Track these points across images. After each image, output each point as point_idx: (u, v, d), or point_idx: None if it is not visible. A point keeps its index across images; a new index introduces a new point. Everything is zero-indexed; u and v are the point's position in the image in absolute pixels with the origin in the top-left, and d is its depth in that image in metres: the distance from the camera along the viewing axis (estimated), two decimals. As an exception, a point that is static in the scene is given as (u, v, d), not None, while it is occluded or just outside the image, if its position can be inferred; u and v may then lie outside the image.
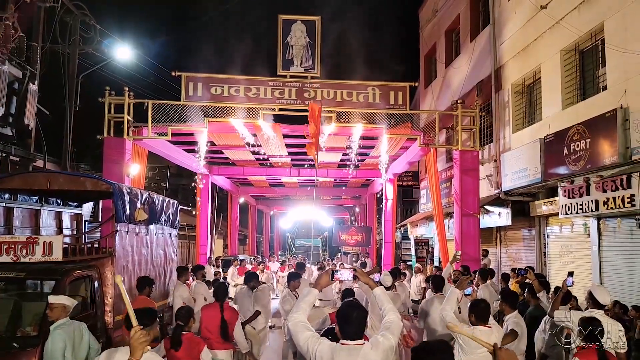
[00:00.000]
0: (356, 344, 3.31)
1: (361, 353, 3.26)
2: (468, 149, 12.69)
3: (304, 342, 3.35)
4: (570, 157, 10.21)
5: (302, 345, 3.37)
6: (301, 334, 3.38)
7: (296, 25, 12.86)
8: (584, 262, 11.13)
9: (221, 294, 6.36)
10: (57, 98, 12.16)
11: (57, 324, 5.03)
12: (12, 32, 8.86)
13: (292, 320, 3.48)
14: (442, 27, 18.79)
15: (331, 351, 3.26)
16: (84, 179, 7.16)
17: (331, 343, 3.33)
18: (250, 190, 24.89)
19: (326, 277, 3.84)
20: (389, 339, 3.36)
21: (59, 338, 4.91)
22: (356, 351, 3.26)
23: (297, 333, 3.42)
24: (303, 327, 3.42)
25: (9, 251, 5.81)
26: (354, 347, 3.28)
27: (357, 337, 3.34)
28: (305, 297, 3.63)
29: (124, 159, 11.99)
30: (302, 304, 3.57)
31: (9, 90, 8.60)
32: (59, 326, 5.05)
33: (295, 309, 3.55)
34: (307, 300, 3.61)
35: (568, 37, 10.89)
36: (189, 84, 12.39)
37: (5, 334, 5.58)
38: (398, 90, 12.85)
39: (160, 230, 8.59)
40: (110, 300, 6.64)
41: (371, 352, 3.27)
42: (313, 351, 3.29)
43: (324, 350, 3.27)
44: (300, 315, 3.49)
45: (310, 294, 3.65)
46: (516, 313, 5.84)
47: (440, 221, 13.45)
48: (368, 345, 3.31)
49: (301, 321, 3.45)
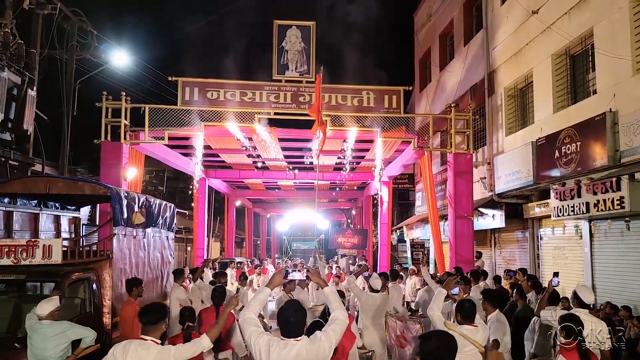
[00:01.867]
0: (294, 340, 3.52)
1: (296, 348, 3.47)
2: (462, 152, 12.86)
3: (249, 336, 3.61)
4: (562, 160, 10.38)
5: (247, 338, 3.64)
6: (247, 329, 3.64)
7: (291, 31, 13.02)
8: (576, 264, 11.28)
9: (217, 297, 6.48)
10: (54, 103, 12.29)
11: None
12: (10, 39, 8.98)
13: (242, 317, 3.73)
14: (436, 31, 18.98)
15: (268, 345, 3.48)
16: (82, 183, 7.29)
17: (270, 337, 3.57)
18: (246, 193, 25.01)
19: (279, 276, 4.08)
20: (329, 336, 3.59)
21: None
22: (291, 346, 3.48)
23: (244, 328, 3.67)
24: (250, 322, 3.66)
25: (9, 254, 5.93)
26: (291, 342, 3.50)
27: (294, 336, 3.55)
28: (257, 296, 3.89)
29: (121, 163, 12.11)
30: (254, 302, 3.83)
31: (8, 96, 8.73)
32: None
33: (247, 307, 3.81)
34: (259, 299, 3.86)
35: (559, 42, 11.06)
36: (185, 89, 12.54)
37: (6, 334, 5.70)
38: (392, 94, 13.02)
39: (157, 234, 8.71)
40: (109, 302, 6.76)
41: (306, 347, 3.49)
42: (254, 344, 3.53)
43: (262, 343, 3.50)
44: (250, 312, 3.74)
45: (262, 293, 3.90)
46: (497, 312, 5.98)
47: (436, 223, 13.60)
48: (305, 341, 3.53)
49: (249, 317, 3.70)
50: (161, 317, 4.25)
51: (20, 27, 10.05)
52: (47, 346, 5.10)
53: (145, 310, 4.25)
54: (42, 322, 5.21)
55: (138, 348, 3.93)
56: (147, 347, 3.96)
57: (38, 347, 5.11)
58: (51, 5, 10.46)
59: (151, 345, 4.00)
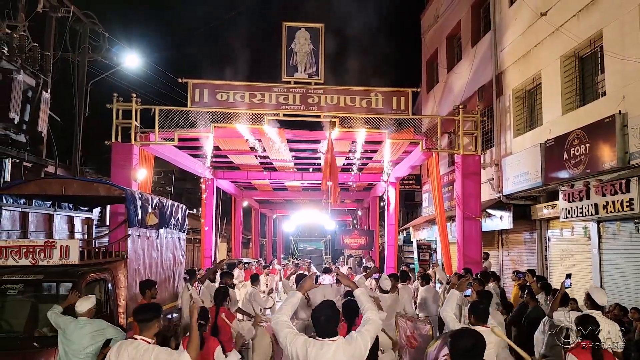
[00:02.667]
0: (330, 340, 3.56)
1: (333, 348, 3.51)
2: (470, 154, 12.88)
3: (284, 337, 3.62)
4: (570, 162, 10.40)
5: (281, 340, 3.65)
6: (281, 331, 3.66)
7: (300, 33, 13.07)
8: (585, 265, 11.29)
9: (220, 297, 6.53)
10: (66, 104, 12.40)
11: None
12: (26, 42, 9.10)
13: (274, 320, 3.77)
14: (443, 33, 19.01)
15: (305, 346, 3.51)
16: (97, 184, 7.39)
17: (306, 338, 3.60)
18: (253, 194, 25.11)
19: (310, 281, 4.12)
20: (364, 335, 3.62)
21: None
22: (328, 346, 3.51)
23: (278, 331, 3.69)
24: (283, 325, 3.68)
25: (27, 255, 6.03)
26: (327, 342, 3.54)
27: (329, 336, 3.59)
28: (289, 299, 3.93)
29: (132, 164, 12.21)
30: (285, 306, 3.86)
31: (23, 98, 8.85)
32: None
33: (279, 310, 3.84)
34: (291, 302, 3.89)
35: (568, 44, 11.09)
36: (195, 90, 12.61)
37: (24, 334, 5.79)
38: (400, 95, 13.05)
39: (170, 234, 8.81)
40: (123, 302, 6.85)
41: (342, 347, 3.53)
42: (290, 346, 3.55)
43: (299, 344, 3.53)
44: (283, 315, 3.76)
45: (294, 297, 3.92)
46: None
47: (443, 225, 13.64)
48: (341, 341, 3.57)
49: (282, 320, 3.72)
50: (154, 316, 4.32)
51: (33, 30, 10.16)
52: (86, 343, 5.20)
53: (138, 310, 4.36)
54: (79, 320, 5.31)
55: (129, 347, 4.05)
56: (136, 346, 4.06)
57: (76, 343, 5.20)
58: (65, 8, 10.58)
59: (140, 343, 4.10)
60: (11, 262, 6.06)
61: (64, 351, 5.34)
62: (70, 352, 5.31)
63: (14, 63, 8.74)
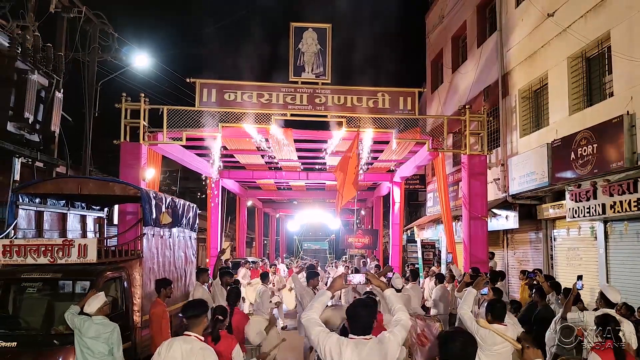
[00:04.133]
0: (364, 338, 3.58)
1: (367, 347, 3.52)
2: (476, 154, 12.94)
3: (315, 336, 3.64)
4: (578, 162, 10.46)
5: (313, 339, 3.67)
6: (313, 329, 3.68)
7: (307, 33, 13.11)
8: (591, 265, 11.35)
9: (232, 298, 6.53)
10: (75, 104, 12.47)
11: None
12: (40, 42, 9.16)
13: (305, 318, 3.79)
14: (448, 33, 19.07)
15: (339, 345, 3.53)
16: (113, 184, 7.46)
17: (339, 337, 3.62)
18: (257, 194, 25.16)
19: (340, 280, 4.15)
20: (397, 336, 3.64)
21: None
22: (363, 345, 3.53)
23: (309, 329, 3.72)
24: (314, 323, 3.70)
25: (46, 253, 6.10)
26: (361, 341, 3.56)
27: (364, 333, 3.61)
28: (319, 298, 3.94)
29: (140, 164, 12.27)
30: (316, 304, 3.86)
31: (37, 98, 8.91)
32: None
33: (309, 308, 3.85)
34: (321, 301, 3.91)
35: (575, 45, 11.15)
36: (202, 90, 12.66)
37: (43, 331, 5.87)
38: (407, 95, 13.09)
39: (182, 233, 8.88)
40: (139, 301, 6.92)
41: (377, 347, 3.55)
42: (323, 344, 3.56)
43: (332, 343, 3.54)
44: (313, 313, 3.78)
45: (324, 295, 3.95)
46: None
47: (449, 224, 13.70)
48: (375, 341, 3.59)
49: (313, 318, 3.74)
50: (202, 312, 4.39)
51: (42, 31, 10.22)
52: (99, 343, 5.27)
53: (187, 307, 4.41)
54: (93, 319, 5.38)
55: (182, 343, 4.09)
56: (190, 342, 4.12)
57: (90, 342, 5.27)
58: (76, 9, 10.64)
59: (194, 340, 4.15)
60: (30, 261, 6.13)
61: (80, 350, 5.42)
62: (85, 352, 5.39)
63: (28, 63, 8.80)
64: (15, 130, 8.69)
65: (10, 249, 6.10)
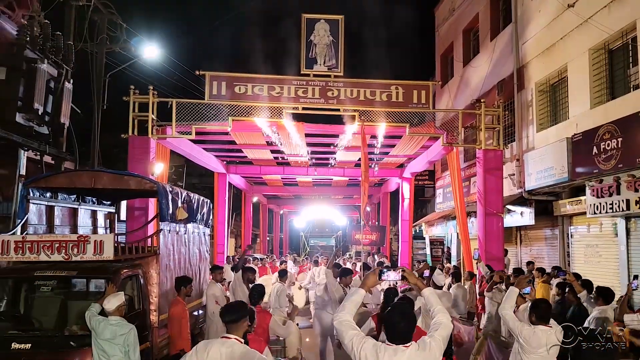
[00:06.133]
0: (403, 346, 3.32)
1: (407, 354, 3.27)
2: (491, 148, 12.65)
3: (349, 340, 3.38)
4: (601, 156, 10.17)
5: (347, 343, 3.40)
6: (346, 333, 3.41)
7: (319, 24, 12.79)
8: (611, 262, 11.11)
9: (254, 296, 6.23)
10: (82, 97, 12.13)
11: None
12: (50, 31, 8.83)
13: (337, 319, 3.50)
14: (459, 26, 18.74)
15: (375, 350, 3.28)
16: (128, 177, 7.14)
17: (375, 342, 3.36)
18: (263, 189, 24.88)
19: (373, 277, 3.81)
20: (438, 341, 3.38)
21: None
22: (402, 352, 3.28)
23: (342, 332, 3.44)
24: (348, 325, 3.44)
25: (60, 250, 5.78)
26: (400, 348, 3.30)
27: (403, 341, 3.34)
28: (351, 297, 3.64)
29: (149, 158, 11.98)
30: (348, 304, 3.58)
31: (46, 89, 8.59)
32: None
33: (341, 309, 3.57)
34: (353, 300, 3.61)
35: (597, 36, 10.84)
36: (212, 83, 12.35)
37: (59, 332, 5.58)
38: (421, 89, 12.80)
39: (196, 229, 8.58)
40: (155, 300, 6.63)
41: (417, 354, 3.29)
42: (358, 349, 3.31)
43: (368, 348, 3.29)
44: (346, 314, 3.51)
45: (356, 294, 3.64)
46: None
47: (464, 220, 13.41)
48: (415, 347, 3.32)
49: (346, 320, 3.47)
50: (242, 314, 4.07)
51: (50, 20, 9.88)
52: (118, 342, 5.00)
53: (227, 309, 4.11)
54: (109, 320, 5.10)
55: (221, 346, 3.79)
56: (231, 345, 3.82)
57: (106, 344, 4.99)
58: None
59: (235, 343, 3.85)
60: (43, 258, 5.82)
61: (97, 354, 5.14)
62: (101, 355, 5.11)
63: (37, 52, 8.46)
64: (24, 122, 8.35)
65: (22, 245, 5.79)
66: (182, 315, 6.45)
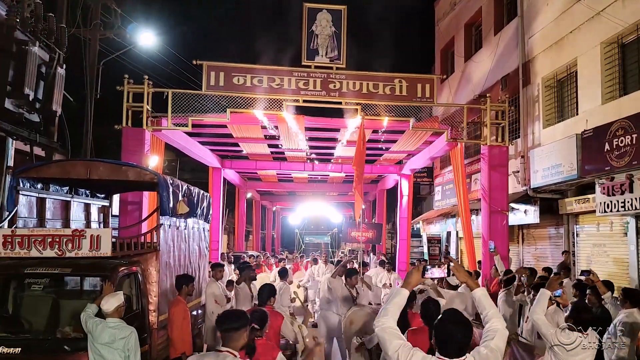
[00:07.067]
0: (457, 359, 2.93)
1: None
2: (496, 144, 12.33)
3: (394, 351, 2.98)
4: (613, 153, 9.85)
5: (391, 354, 3.00)
6: (391, 342, 3.02)
7: (322, 14, 12.38)
8: (620, 262, 10.85)
9: (264, 295, 5.74)
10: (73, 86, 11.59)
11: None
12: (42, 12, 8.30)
13: (380, 326, 3.09)
14: (461, 21, 18.40)
15: None
16: (127, 168, 6.65)
17: (425, 355, 2.97)
18: (257, 185, 24.38)
19: (417, 274, 3.37)
20: (495, 351, 3.00)
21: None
22: None
23: (386, 340, 3.04)
24: (393, 334, 3.05)
25: (53, 245, 5.31)
26: None
27: (458, 355, 2.94)
28: (393, 299, 3.21)
29: (143, 150, 11.51)
30: (391, 307, 3.16)
31: (37, 74, 8.06)
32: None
33: (383, 313, 3.15)
34: (396, 303, 3.19)
35: (609, 30, 10.54)
36: (210, 73, 11.90)
37: (51, 335, 5.12)
38: (425, 82, 12.47)
39: (196, 225, 8.13)
40: (155, 299, 6.18)
41: None
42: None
43: None
44: (390, 320, 3.10)
45: (399, 295, 3.21)
46: None
47: (467, 218, 13.07)
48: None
49: (390, 327, 3.07)
50: (242, 324, 3.59)
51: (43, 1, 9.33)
52: (117, 347, 4.56)
53: (224, 318, 3.63)
54: (107, 322, 4.66)
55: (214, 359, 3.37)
56: (224, 358, 3.39)
57: (104, 349, 4.55)
58: (80, -22, 9.80)
59: (227, 356, 3.41)
60: (35, 253, 5.34)
61: (94, 359, 4.70)
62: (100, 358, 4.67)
63: (28, 33, 7.93)
64: (14, 109, 7.81)
65: (12, 240, 5.31)
66: (183, 316, 6.02)
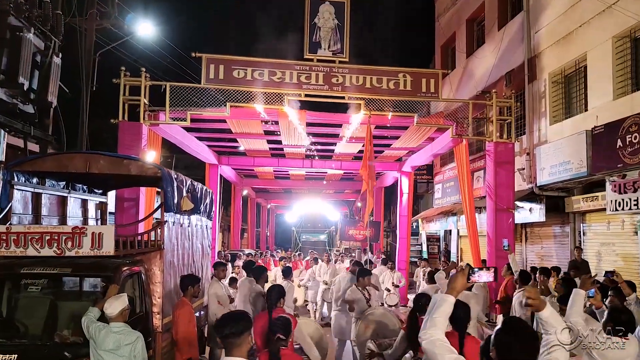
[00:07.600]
0: None
1: None
2: (502, 141, 12.06)
3: None
4: (626, 150, 9.60)
5: None
6: (442, 357, 2.70)
7: (324, 6, 12.04)
8: (630, 261, 10.63)
9: (273, 296, 5.32)
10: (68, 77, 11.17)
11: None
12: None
13: (428, 338, 2.77)
14: (462, 16, 18.11)
15: None
16: (129, 161, 6.27)
17: None
18: (253, 182, 24.01)
19: (462, 278, 3.02)
20: None
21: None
22: None
23: (437, 355, 2.72)
24: (443, 348, 2.73)
25: (51, 243, 4.93)
26: None
27: None
28: (439, 308, 2.87)
29: (140, 145, 11.10)
30: (438, 317, 2.83)
31: (32, 63, 7.66)
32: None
33: (430, 324, 2.82)
34: (443, 312, 2.86)
35: (621, 23, 10.28)
36: (209, 66, 11.50)
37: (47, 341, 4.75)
38: (430, 77, 12.20)
39: (199, 222, 7.76)
40: (159, 301, 5.82)
41: None
42: None
43: None
44: (438, 331, 2.78)
45: (445, 304, 2.87)
46: None
47: (472, 216, 12.79)
48: None
49: (440, 339, 2.75)
50: (244, 328, 3.15)
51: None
52: (122, 354, 4.20)
53: (223, 322, 3.18)
54: (111, 326, 4.31)
55: None
56: None
57: (110, 356, 4.21)
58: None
59: None
60: (32, 252, 4.97)
61: None
62: None
63: (23, 20, 7.52)
64: (8, 99, 7.41)
65: (7, 237, 4.92)
66: (189, 319, 5.68)
